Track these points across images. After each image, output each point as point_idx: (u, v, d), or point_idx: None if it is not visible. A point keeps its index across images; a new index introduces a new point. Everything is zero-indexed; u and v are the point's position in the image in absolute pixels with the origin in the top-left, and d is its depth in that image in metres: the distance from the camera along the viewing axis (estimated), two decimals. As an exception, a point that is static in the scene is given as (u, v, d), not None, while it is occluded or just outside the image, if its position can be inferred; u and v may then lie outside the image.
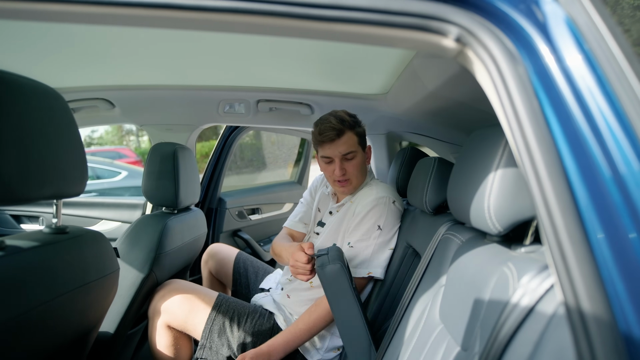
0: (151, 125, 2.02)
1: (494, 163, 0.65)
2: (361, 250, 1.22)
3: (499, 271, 0.60)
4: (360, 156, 1.32)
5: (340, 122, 1.26)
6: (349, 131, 1.28)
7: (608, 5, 0.48)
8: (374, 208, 1.25)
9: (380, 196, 1.27)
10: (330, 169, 1.31)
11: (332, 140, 1.26)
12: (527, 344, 0.48)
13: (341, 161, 1.29)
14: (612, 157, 0.39)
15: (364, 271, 1.21)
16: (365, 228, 1.24)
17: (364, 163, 1.35)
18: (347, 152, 1.27)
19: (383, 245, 1.25)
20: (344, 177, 1.30)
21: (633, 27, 0.59)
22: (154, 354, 1.37)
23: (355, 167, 1.30)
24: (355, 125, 1.31)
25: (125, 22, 0.47)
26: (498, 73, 0.43)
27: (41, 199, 0.71)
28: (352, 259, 1.22)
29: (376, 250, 1.23)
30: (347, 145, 1.27)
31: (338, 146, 1.27)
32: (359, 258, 1.22)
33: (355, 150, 1.29)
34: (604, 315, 0.36)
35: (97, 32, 1.08)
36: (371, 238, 1.23)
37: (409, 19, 0.45)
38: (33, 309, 0.71)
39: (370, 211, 1.25)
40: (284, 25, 0.46)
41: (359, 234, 1.23)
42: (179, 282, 1.40)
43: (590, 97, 0.41)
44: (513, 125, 0.43)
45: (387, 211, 1.26)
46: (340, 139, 1.26)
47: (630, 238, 0.37)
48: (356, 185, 1.34)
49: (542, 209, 0.40)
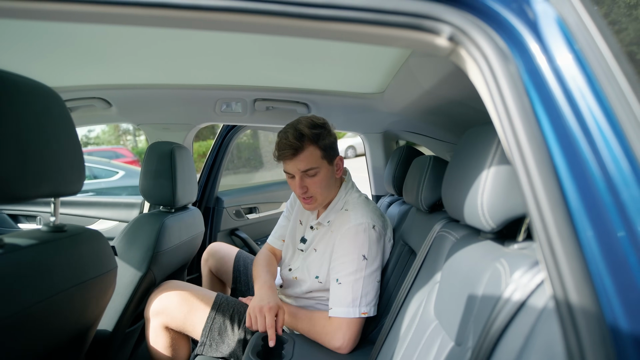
0: (148, 124, 2.02)
1: (487, 161, 0.66)
2: (350, 286, 1.14)
3: (492, 267, 0.61)
4: (324, 171, 1.21)
5: (298, 137, 1.16)
6: (310, 146, 1.17)
7: (604, 4, 0.49)
8: (355, 237, 1.17)
9: (359, 223, 1.18)
10: (293, 185, 1.23)
11: (289, 158, 1.18)
12: (518, 338, 0.49)
13: (301, 178, 1.20)
14: (600, 155, 0.40)
15: (356, 311, 1.12)
16: (351, 260, 1.15)
17: (331, 178, 1.24)
18: (306, 168, 1.18)
19: (371, 276, 1.17)
20: (307, 195, 1.22)
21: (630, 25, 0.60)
22: (152, 355, 1.37)
23: (318, 184, 1.21)
24: (319, 138, 1.18)
25: (121, 21, 0.48)
26: (490, 71, 0.44)
27: (39, 197, 0.71)
28: (341, 298, 1.13)
29: (366, 284, 1.15)
30: (307, 162, 1.17)
31: (297, 163, 1.18)
32: (349, 296, 1.13)
33: (317, 166, 1.19)
34: (591, 308, 0.37)
35: (94, 32, 1.09)
36: (358, 271, 1.14)
37: (402, 18, 0.46)
38: (31, 306, 0.71)
39: (352, 241, 1.17)
40: (278, 24, 0.47)
41: (346, 269, 1.15)
42: (174, 283, 1.37)
43: (580, 95, 0.41)
44: (504, 123, 0.43)
45: (368, 239, 1.17)
46: (299, 155, 1.17)
47: (618, 234, 0.38)
48: (322, 201, 1.26)
49: (532, 205, 0.41)
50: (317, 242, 1.30)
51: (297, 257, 1.38)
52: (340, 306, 1.13)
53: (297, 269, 1.35)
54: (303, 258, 1.34)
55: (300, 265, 1.34)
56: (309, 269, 1.29)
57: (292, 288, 1.35)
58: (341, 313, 1.12)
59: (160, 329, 1.33)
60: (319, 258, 1.28)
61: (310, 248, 1.32)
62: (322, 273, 1.26)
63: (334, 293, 1.16)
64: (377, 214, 1.26)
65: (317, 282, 1.27)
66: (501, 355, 0.51)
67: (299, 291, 1.32)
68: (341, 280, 1.15)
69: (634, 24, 0.60)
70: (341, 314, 1.12)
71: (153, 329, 1.33)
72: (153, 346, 1.35)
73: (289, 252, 1.44)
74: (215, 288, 1.84)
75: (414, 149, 1.62)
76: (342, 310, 1.12)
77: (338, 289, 1.15)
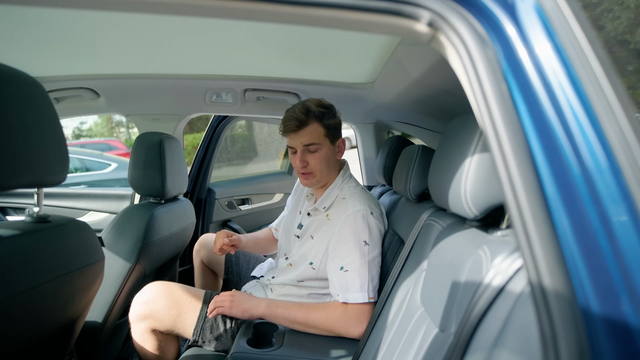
0: (137, 115, 2.00)
1: (470, 149, 0.66)
2: (357, 272, 1.14)
3: (475, 254, 0.62)
4: (325, 149, 1.25)
5: (305, 112, 1.21)
6: (314, 122, 1.22)
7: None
8: (355, 223, 1.18)
9: (357, 210, 1.20)
10: (294, 159, 1.27)
11: (294, 130, 1.22)
12: (497, 322, 0.50)
13: (303, 152, 1.24)
14: (575, 141, 0.40)
15: (365, 296, 1.13)
16: (353, 247, 1.16)
17: (331, 157, 1.27)
18: (309, 143, 1.22)
19: (373, 261, 1.18)
20: (306, 170, 1.25)
21: (622, 14, 0.60)
22: (141, 356, 1.34)
23: (319, 161, 1.24)
24: (324, 116, 1.23)
25: (111, 6, 0.47)
26: (468, 56, 0.44)
27: (20, 187, 0.70)
28: (350, 284, 1.14)
29: (371, 269, 1.16)
30: (310, 137, 1.22)
31: (300, 137, 1.22)
32: (357, 282, 1.14)
33: (319, 142, 1.23)
34: (564, 291, 0.38)
35: (81, 20, 1.07)
36: (362, 257, 1.16)
37: (382, 3, 0.45)
38: (14, 297, 0.71)
39: (352, 228, 1.18)
40: (257, 9, 0.46)
41: (351, 256, 1.16)
42: (158, 286, 1.30)
43: (556, 81, 0.41)
44: (482, 108, 0.43)
45: (367, 225, 1.19)
46: (303, 129, 1.22)
47: (591, 219, 0.38)
48: (320, 179, 1.28)
49: (508, 191, 0.42)
50: (313, 229, 1.30)
51: (294, 245, 1.38)
52: (350, 292, 1.13)
53: (292, 257, 1.35)
54: (299, 245, 1.34)
55: (295, 252, 1.34)
56: (306, 255, 1.29)
57: (284, 275, 1.34)
58: (352, 299, 1.12)
59: (147, 333, 1.29)
60: (315, 245, 1.28)
61: (306, 235, 1.32)
62: (316, 260, 1.26)
63: (341, 280, 1.15)
64: (374, 202, 1.28)
65: (310, 269, 1.26)
66: (480, 339, 0.52)
67: (292, 277, 1.31)
68: (347, 267, 1.15)
69: (626, 13, 0.60)
70: (352, 300, 1.12)
71: (140, 333, 1.29)
72: (142, 348, 1.31)
73: (284, 241, 1.45)
74: (207, 279, 1.84)
75: (405, 139, 1.62)
76: (352, 296, 1.12)
77: (345, 276, 1.15)
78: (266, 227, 1.74)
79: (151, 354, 1.32)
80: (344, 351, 1.08)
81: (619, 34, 0.60)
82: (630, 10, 0.63)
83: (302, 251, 1.31)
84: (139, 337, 1.30)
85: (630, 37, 0.61)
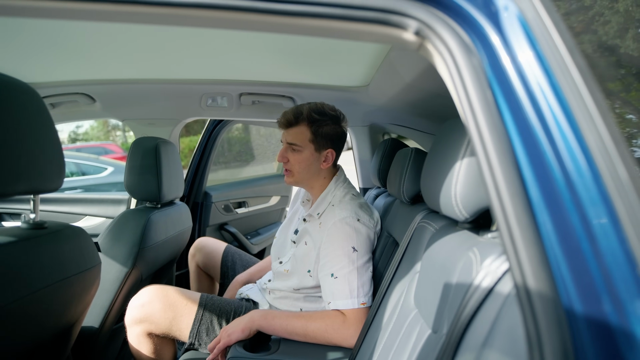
0: (133, 120, 2.00)
1: (460, 152, 0.67)
2: (346, 278, 1.14)
3: (466, 256, 0.63)
4: (307, 154, 1.26)
5: (296, 114, 1.26)
6: (303, 125, 1.25)
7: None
8: (342, 230, 1.18)
9: (343, 217, 1.19)
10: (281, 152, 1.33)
11: (284, 127, 1.29)
12: (485, 323, 0.51)
13: (286, 149, 1.29)
14: (557, 147, 0.41)
15: (355, 302, 1.13)
16: (342, 254, 1.16)
17: (313, 164, 1.28)
18: (291, 142, 1.27)
19: (363, 267, 1.18)
20: (286, 166, 1.31)
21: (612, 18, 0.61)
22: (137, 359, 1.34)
23: (297, 162, 1.27)
24: (315, 122, 1.25)
25: (102, 18, 0.48)
26: (454, 64, 0.45)
27: (16, 194, 0.71)
28: (339, 291, 1.14)
29: (361, 275, 1.16)
30: (294, 137, 1.26)
31: (288, 134, 1.28)
32: (347, 288, 1.14)
33: (302, 145, 1.25)
34: (548, 292, 0.39)
35: (76, 25, 1.07)
36: (351, 263, 1.15)
37: (370, 13, 0.47)
38: (10, 303, 0.71)
39: (339, 235, 1.18)
40: (248, 20, 0.47)
41: (340, 263, 1.16)
42: (154, 289, 1.31)
43: (538, 88, 0.43)
44: (468, 115, 0.45)
45: (355, 231, 1.19)
46: (291, 129, 1.27)
47: (573, 221, 0.40)
48: (298, 180, 1.31)
49: (493, 195, 0.43)
50: (308, 235, 1.31)
51: (289, 249, 1.38)
52: (339, 299, 1.13)
53: (287, 262, 1.35)
54: (294, 250, 1.34)
55: (291, 257, 1.34)
56: (302, 262, 1.29)
57: (281, 281, 1.34)
58: (342, 305, 1.12)
59: (143, 336, 1.29)
60: (309, 252, 1.27)
61: (302, 241, 1.32)
62: (313, 267, 1.26)
63: (331, 287, 1.15)
64: (363, 209, 1.27)
65: (308, 276, 1.27)
66: (470, 340, 0.53)
67: (290, 284, 1.31)
68: (336, 274, 1.15)
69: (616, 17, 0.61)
70: (342, 306, 1.12)
71: (136, 336, 1.29)
72: (137, 352, 1.32)
73: (279, 244, 1.45)
74: (203, 283, 1.84)
75: (399, 142, 1.63)
76: (342, 303, 1.12)
77: (334, 283, 1.15)
78: (269, 257, 1.70)
79: (147, 358, 1.32)
80: (340, 353, 1.09)
81: (609, 38, 0.61)
82: (620, 14, 0.64)
83: (297, 257, 1.31)
84: (135, 341, 1.30)
85: (621, 41, 0.63)
